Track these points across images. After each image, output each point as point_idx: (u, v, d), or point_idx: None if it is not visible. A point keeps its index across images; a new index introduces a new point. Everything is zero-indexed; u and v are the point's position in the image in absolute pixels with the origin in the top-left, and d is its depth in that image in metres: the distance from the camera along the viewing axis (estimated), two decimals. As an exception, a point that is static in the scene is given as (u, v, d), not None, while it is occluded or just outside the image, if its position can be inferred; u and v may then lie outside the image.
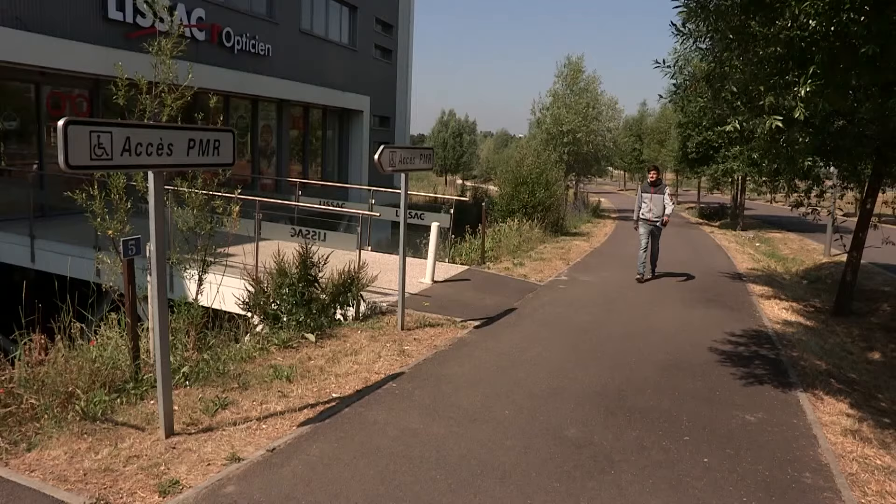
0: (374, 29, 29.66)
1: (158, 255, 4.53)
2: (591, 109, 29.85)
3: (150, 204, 4.37)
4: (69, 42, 14.91)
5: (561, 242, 18.41)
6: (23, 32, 13.86)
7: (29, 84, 15.76)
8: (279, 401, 5.63)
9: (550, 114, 29.80)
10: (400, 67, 32.51)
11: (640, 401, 6.21)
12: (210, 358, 6.40)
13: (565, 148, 29.27)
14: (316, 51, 24.71)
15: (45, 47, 14.42)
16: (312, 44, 24.59)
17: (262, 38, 21.37)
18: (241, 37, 20.48)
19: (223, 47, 19.70)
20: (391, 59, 31.65)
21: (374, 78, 29.18)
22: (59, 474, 4.26)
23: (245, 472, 4.38)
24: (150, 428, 4.94)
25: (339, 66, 26.21)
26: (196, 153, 4.58)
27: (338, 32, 26.91)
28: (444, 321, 8.52)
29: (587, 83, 30.51)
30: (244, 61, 20.46)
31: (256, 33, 21.16)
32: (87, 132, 3.83)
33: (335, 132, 27.95)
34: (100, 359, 5.77)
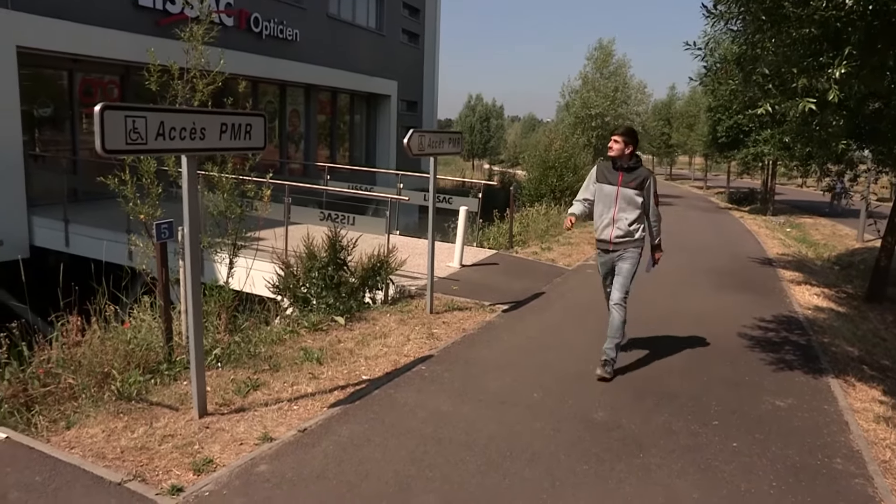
0: (401, 13, 29.65)
1: (192, 239, 4.60)
2: (620, 93, 29.63)
3: (184, 188, 4.43)
4: (101, 29, 15.07)
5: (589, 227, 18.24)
6: (57, 20, 14.03)
7: (62, 71, 15.97)
8: (310, 382, 5.70)
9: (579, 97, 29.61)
10: (427, 52, 32.47)
11: (668, 385, 6.20)
12: (241, 340, 6.50)
13: (593, 132, 29.09)
14: (343, 36, 24.74)
15: (78, 35, 14.59)
16: (340, 29, 24.62)
17: (289, 23, 21.44)
18: (269, 22, 20.57)
19: (251, 33, 19.81)
20: (418, 44, 31.63)
21: (402, 63, 29.18)
22: (97, 451, 4.35)
23: (277, 452, 4.45)
24: (183, 408, 5.03)
25: (367, 50, 26.22)
26: (228, 137, 4.63)
27: (365, 17, 26.91)
28: (472, 305, 8.55)
29: (617, 67, 30.28)
30: (272, 47, 20.55)
31: (284, 18, 21.23)
32: (122, 117, 3.88)
33: (363, 117, 28.02)
34: (134, 340, 5.89)
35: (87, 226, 12.67)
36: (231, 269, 7.72)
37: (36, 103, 15.23)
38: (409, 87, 29.84)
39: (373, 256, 8.33)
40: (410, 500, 3.98)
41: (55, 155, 15.89)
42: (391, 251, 8.60)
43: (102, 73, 16.96)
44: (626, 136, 6.29)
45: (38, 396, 5.34)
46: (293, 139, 23.75)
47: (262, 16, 20.17)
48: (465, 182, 25.24)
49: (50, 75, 15.93)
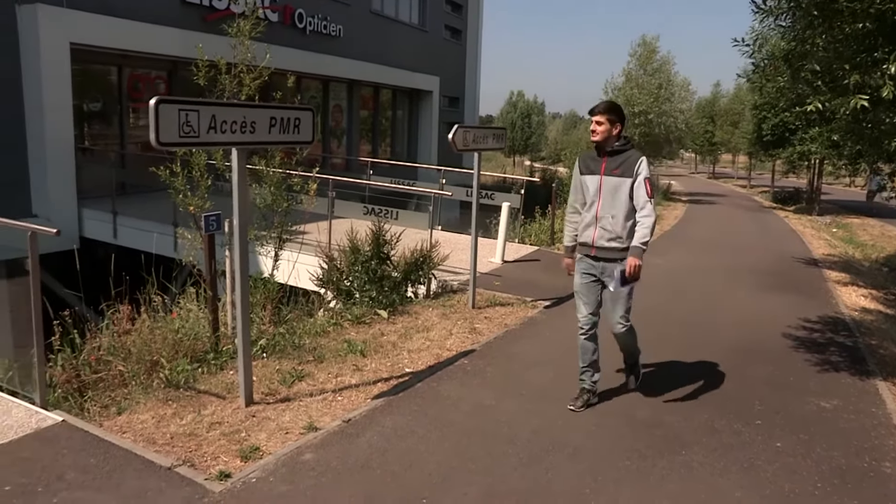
0: (443, 9, 29.70)
1: (241, 231, 4.68)
2: (664, 90, 29.32)
3: (234, 180, 4.51)
4: (149, 25, 15.34)
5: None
6: (108, 17, 14.32)
7: (111, 67, 16.29)
8: (353, 374, 5.77)
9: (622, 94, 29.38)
10: (469, 48, 32.47)
11: (710, 383, 6.15)
12: (286, 332, 6.59)
13: (636, 129, 28.85)
14: (386, 31, 24.86)
15: (128, 31, 14.88)
16: (383, 24, 24.74)
17: (333, 19, 21.60)
18: (313, 18, 20.75)
19: (295, 28, 20.00)
20: (461, 40, 31.64)
21: (444, 59, 29.22)
22: (147, 437, 4.47)
23: (322, 441, 4.52)
24: (230, 397, 5.13)
25: (409, 46, 26.31)
26: (277, 131, 4.71)
27: (408, 13, 27.01)
28: (514, 300, 8.56)
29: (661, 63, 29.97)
30: (316, 42, 20.72)
31: (328, 14, 21.39)
32: (175, 110, 3.98)
33: (405, 112, 28.14)
34: (182, 330, 6.01)
35: (135, 218, 12.93)
36: (276, 262, 7.84)
37: (86, 98, 15.55)
38: (451, 82, 29.86)
39: (415, 251, 8.38)
40: (453, 491, 4.01)
41: (103, 149, 16.23)
42: (434, 246, 8.65)
43: (150, 69, 17.27)
44: (609, 113, 5.06)
45: (90, 382, 5.49)
46: (336, 134, 23.94)
47: (306, 12, 20.35)
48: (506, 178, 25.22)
49: (99, 71, 16.26)
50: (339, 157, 23.73)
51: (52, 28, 13.31)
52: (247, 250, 4.91)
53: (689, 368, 6.56)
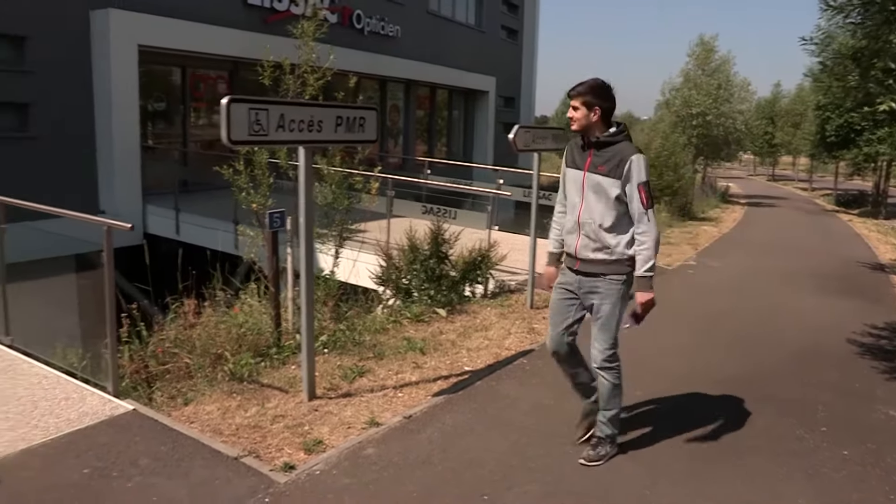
0: (500, 9, 29.68)
1: (307, 228, 4.77)
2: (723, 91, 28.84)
3: (300, 179, 4.61)
4: (212, 27, 15.67)
5: (688, 227, 18.00)
6: (173, 20, 14.68)
7: (175, 67, 16.70)
8: (413, 371, 5.83)
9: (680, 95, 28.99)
10: (526, 48, 32.42)
11: (772, 388, 6.05)
12: (346, 328, 6.69)
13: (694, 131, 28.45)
14: (443, 32, 24.96)
15: (191, 33, 15.23)
16: (439, 25, 24.86)
17: (390, 19, 21.78)
18: (371, 19, 20.95)
19: (353, 29, 20.21)
20: (517, 40, 31.60)
21: (500, 58, 29.21)
22: (214, 427, 4.59)
23: (384, 437, 4.58)
24: (293, 391, 5.23)
25: (466, 46, 26.38)
26: (343, 130, 4.79)
27: (464, 13, 27.08)
28: (570, 302, 8.52)
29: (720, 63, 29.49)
30: (373, 43, 20.91)
31: (385, 15, 21.58)
32: (246, 109, 4.08)
33: (461, 112, 28.23)
34: (245, 325, 6.14)
35: (196, 215, 13.22)
36: (336, 260, 7.95)
37: (150, 98, 15.96)
38: (507, 83, 29.82)
39: (473, 250, 8.42)
40: (513, 489, 4.03)
41: (166, 147, 16.64)
42: (492, 246, 8.68)
43: (212, 69, 17.64)
44: (587, 94, 4.07)
45: (157, 373, 5.65)
46: (392, 134, 24.13)
47: (364, 13, 20.56)
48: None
49: (163, 71, 16.69)
50: (396, 156, 23.91)
51: (122, 31, 13.71)
52: (312, 247, 5.00)
53: (750, 371, 6.47)
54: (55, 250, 9.31)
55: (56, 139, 13.25)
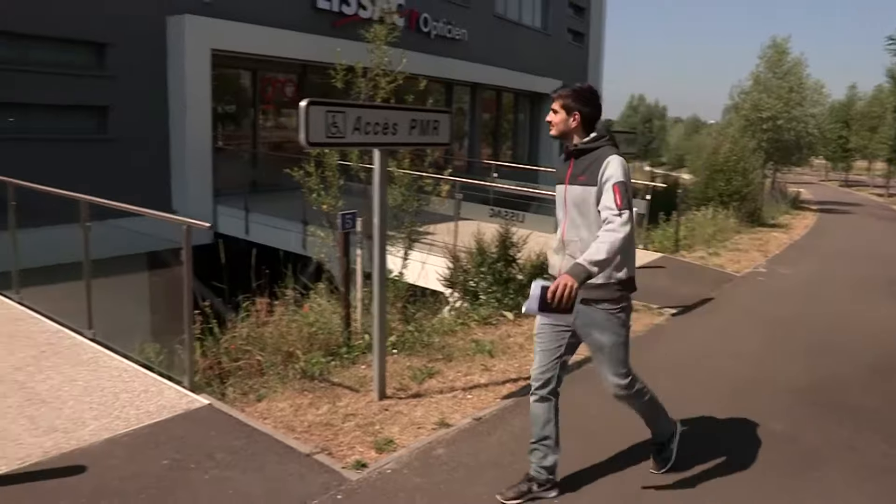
0: (566, 12, 29.56)
1: (381, 230, 4.83)
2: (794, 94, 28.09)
3: (375, 181, 4.67)
4: (282, 31, 15.99)
5: (758, 233, 17.60)
6: (244, 24, 15.03)
7: (245, 71, 17.07)
8: (482, 374, 5.85)
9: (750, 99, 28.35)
10: (592, 51, 32.23)
11: (848, 399, 5.88)
12: (415, 329, 6.74)
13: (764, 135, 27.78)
14: (509, 35, 24.97)
15: (262, 37, 15.55)
16: (506, 28, 24.89)
17: (457, 23, 21.89)
18: (438, 22, 21.10)
19: (420, 33, 20.37)
20: (583, 43, 31.43)
21: (566, 62, 29.09)
22: (286, 424, 4.68)
23: (453, 438, 4.61)
24: (363, 390, 5.29)
25: (532, 50, 26.34)
26: (417, 132, 4.84)
27: (531, 16, 27.06)
28: (639, 307, 8.43)
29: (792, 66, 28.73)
30: (439, 46, 21.04)
31: (452, 19, 21.70)
32: (324, 112, 4.15)
33: (526, 116, 28.19)
34: (316, 324, 6.24)
35: (265, 215, 13.47)
36: (405, 261, 8.03)
37: (221, 100, 16.34)
38: (572, 86, 29.64)
39: (541, 254, 8.40)
40: (586, 494, 4.01)
41: (236, 148, 17.01)
42: (558, 250, 8.63)
43: (281, 72, 17.97)
44: (568, 97, 3.72)
45: (230, 370, 5.78)
46: (458, 137, 24.24)
47: (431, 16, 20.71)
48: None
49: (234, 74, 17.07)
50: (462, 159, 24.01)
51: (197, 35, 14.11)
52: (385, 249, 5.06)
53: (823, 380, 6.30)
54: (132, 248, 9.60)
55: (132, 141, 13.69)
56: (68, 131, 13.31)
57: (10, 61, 12.30)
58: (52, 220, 7.39)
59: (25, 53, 12.68)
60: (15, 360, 5.60)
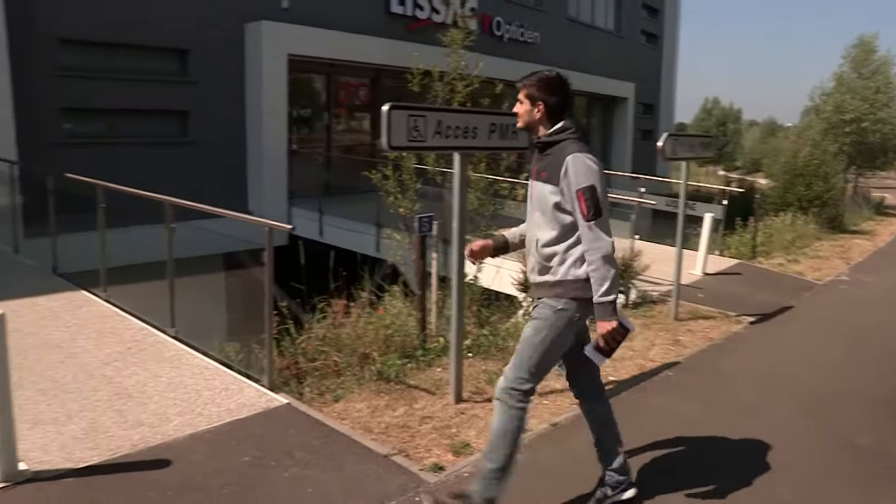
0: (639, 14, 29.17)
1: (460, 234, 4.84)
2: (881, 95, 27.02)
3: (455, 185, 4.68)
4: (357, 36, 16.21)
5: (839, 240, 17.02)
6: (320, 29, 15.30)
7: (320, 75, 17.34)
8: (558, 379, 5.74)
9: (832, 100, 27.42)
10: (666, 53, 31.70)
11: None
12: (489, 333, 6.73)
13: (847, 138, 26.84)
14: (581, 38, 24.78)
15: (337, 42, 15.82)
16: (578, 31, 24.71)
17: (529, 26, 21.83)
18: (511, 26, 21.08)
19: (493, 36, 20.38)
20: (656, 45, 30.95)
21: (639, 64, 28.70)
22: (364, 425, 4.72)
23: (530, 443, 4.56)
24: (439, 393, 5.31)
25: (605, 52, 26.08)
26: (497, 136, 4.84)
27: (603, 18, 26.78)
28: (716, 314, 8.27)
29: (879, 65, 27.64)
30: (512, 49, 21.00)
31: (525, 22, 21.65)
32: (405, 116, 4.18)
33: (599, 119, 27.89)
34: (392, 326, 6.29)
35: (339, 217, 13.62)
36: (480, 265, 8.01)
37: (296, 104, 16.63)
38: (646, 89, 29.24)
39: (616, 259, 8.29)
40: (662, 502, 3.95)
41: (310, 151, 17.28)
42: (636, 255, 8.52)
43: (355, 76, 18.19)
44: (532, 87, 3.54)
45: (307, 370, 5.86)
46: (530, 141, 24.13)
47: (504, 20, 20.69)
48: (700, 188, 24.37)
49: (309, 79, 17.36)
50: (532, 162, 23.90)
51: (274, 41, 14.44)
52: (464, 253, 5.07)
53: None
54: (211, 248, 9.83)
55: (211, 144, 14.07)
56: (152, 135, 13.77)
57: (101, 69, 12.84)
58: (137, 220, 7.62)
59: (115, 62, 13.18)
60: (103, 355, 5.80)
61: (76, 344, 6.09)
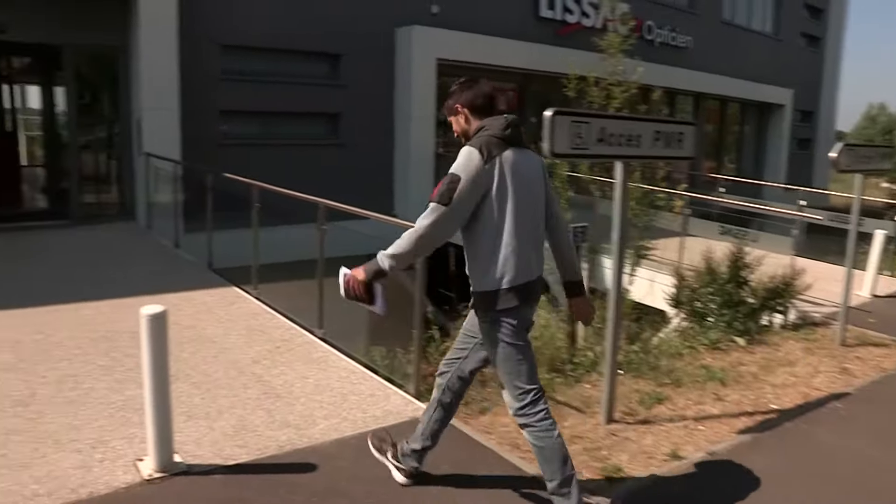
0: (800, 14, 27.58)
1: (620, 246, 4.60)
2: None
3: (616, 195, 4.45)
4: (505, 40, 16.14)
5: None
6: (469, 34, 15.36)
7: (468, 80, 17.36)
8: (714, 403, 5.44)
9: None
10: (828, 56, 29.76)
11: None
12: (640, 350, 6.44)
13: None
14: (736, 41, 23.74)
15: (486, 46, 15.81)
16: (733, 34, 23.68)
17: (681, 30, 21.14)
18: (662, 30, 20.47)
19: (643, 41, 19.81)
20: (818, 48, 29.14)
21: (798, 69, 27.13)
22: (511, 440, 4.56)
23: (686, 472, 4.29)
24: (588, 412, 5.08)
25: (760, 56, 24.85)
26: (661, 145, 4.58)
27: (761, 21, 25.52)
28: (889, 342, 7.58)
29: None
30: (663, 54, 20.36)
31: (677, 26, 20.98)
32: (568, 122, 4.00)
33: (752, 127, 26.62)
34: (541, 338, 6.11)
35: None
36: (631, 278, 7.74)
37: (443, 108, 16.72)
38: (804, 95, 27.59)
39: (774, 277, 7.79)
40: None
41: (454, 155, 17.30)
42: (798, 273, 7.96)
43: (501, 81, 18.10)
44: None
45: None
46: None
47: (655, 23, 20.10)
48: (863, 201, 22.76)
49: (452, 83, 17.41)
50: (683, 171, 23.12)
51: (423, 45, 14.62)
52: (622, 266, 4.83)
53: None
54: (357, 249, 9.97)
55: (359, 146, 14.36)
56: (303, 136, 14.20)
57: (258, 73, 13.36)
58: (285, 220, 7.79)
59: (271, 66, 13.69)
60: (253, 352, 5.93)
61: (228, 339, 6.26)
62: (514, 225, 3.22)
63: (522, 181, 3.27)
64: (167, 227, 10.34)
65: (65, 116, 12.44)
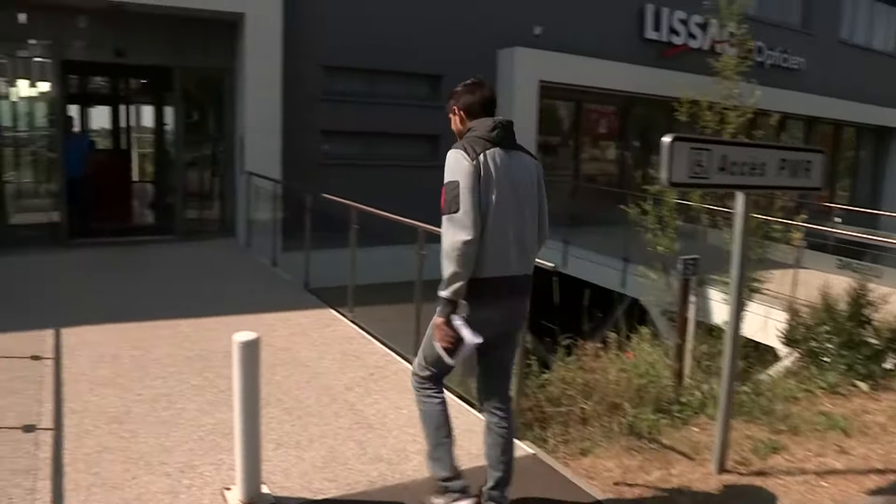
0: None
1: (739, 282, 4.26)
2: None
3: (736, 227, 4.13)
4: (608, 62, 15.78)
5: None
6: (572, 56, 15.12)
7: (568, 102, 17.11)
8: (837, 457, 4.99)
9: None
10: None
11: None
12: (751, 391, 6.01)
13: None
14: (853, 62, 22.54)
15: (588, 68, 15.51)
16: (850, 54, 22.52)
17: (794, 51, 20.27)
18: (773, 51, 19.67)
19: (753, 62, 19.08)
20: (950, 65, 27.35)
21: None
22: (615, 490, 4.26)
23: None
24: (698, 458, 4.73)
25: (880, 78, 23.50)
26: (787, 174, 4.23)
27: (882, 39, 24.18)
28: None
29: None
30: (774, 76, 19.51)
31: (789, 46, 20.14)
32: (688, 149, 3.73)
33: (868, 152, 25.22)
34: (647, 375, 5.78)
35: (584, 249, 13.18)
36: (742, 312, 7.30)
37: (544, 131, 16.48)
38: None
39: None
40: None
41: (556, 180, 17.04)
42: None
43: (604, 104, 17.76)
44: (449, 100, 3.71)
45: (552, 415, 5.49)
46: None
47: (766, 45, 19.32)
48: None
49: (557, 106, 17.17)
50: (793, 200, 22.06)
51: (526, 67, 14.45)
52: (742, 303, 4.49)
53: None
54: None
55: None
56: (402, 158, 14.21)
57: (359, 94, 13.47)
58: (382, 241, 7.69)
59: (372, 87, 13.80)
60: (347, 379, 5.81)
61: (322, 364, 6.17)
62: (493, 220, 3.35)
63: (505, 180, 3.39)
64: (265, 245, 10.45)
65: (173, 135, 12.86)
